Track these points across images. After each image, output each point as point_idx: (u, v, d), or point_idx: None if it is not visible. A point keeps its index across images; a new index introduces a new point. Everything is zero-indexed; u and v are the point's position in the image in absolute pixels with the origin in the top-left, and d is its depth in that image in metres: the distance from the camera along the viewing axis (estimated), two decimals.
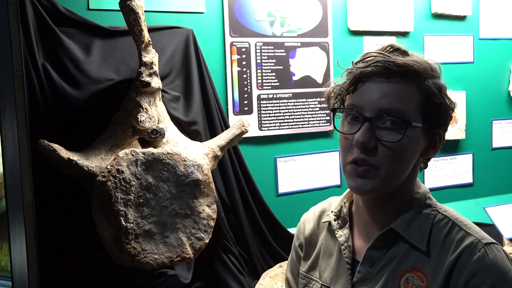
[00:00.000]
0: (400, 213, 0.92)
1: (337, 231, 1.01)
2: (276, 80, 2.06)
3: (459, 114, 2.46)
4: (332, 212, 1.04)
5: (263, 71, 2.03)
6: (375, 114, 0.86)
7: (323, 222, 1.07)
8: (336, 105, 0.95)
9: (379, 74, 0.86)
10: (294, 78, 2.09)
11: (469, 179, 2.55)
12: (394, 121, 0.85)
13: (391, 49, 0.92)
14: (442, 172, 2.47)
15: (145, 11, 1.54)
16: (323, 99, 1.01)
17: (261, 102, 2.03)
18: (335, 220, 1.02)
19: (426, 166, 0.97)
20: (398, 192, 0.92)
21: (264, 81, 2.03)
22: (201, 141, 1.71)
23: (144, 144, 1.56)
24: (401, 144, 0.86)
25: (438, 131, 0.92)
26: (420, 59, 0.90)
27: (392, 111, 0.85)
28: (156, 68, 1.54)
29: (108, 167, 1.43)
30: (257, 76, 2.02)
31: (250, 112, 2.01)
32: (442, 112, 0.90)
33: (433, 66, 0.91)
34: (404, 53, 0.92)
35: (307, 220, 1.13)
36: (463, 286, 0.83)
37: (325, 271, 1.02)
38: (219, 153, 1.65)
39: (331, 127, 2.16)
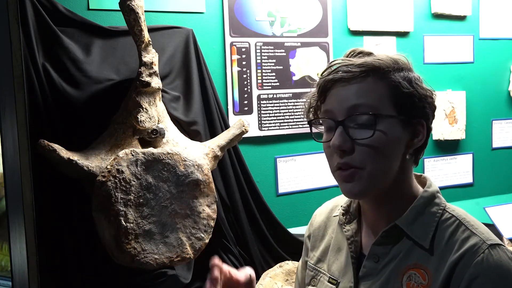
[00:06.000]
0: (404, 210, 0.93)
1: (345, 226, 1.02)
2: (276, 80, 2.06)
3: (459, 114, 2.47)
4: (341, 206, 1.05)
5: (263, 71, 2.03)
6: (345, 115, 0.88)
7: (334, 216, 1.09)
8: (311, 117, 0.99)
9: (342, 78, 0.89)
10: (294, 78, 2.09)
11: (469, 179, 2.55)
12: (365, 117, 0.87)
13: (354, 54, 0.95)
14: (442, 172, 2.47)
15: (145, 11, 1.54)
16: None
17: (261, 102, 2.03)
18: (343, 215, 1.03)
19: (416, 164, 0.97)
20: (394, 189, 0.92)
21: (264, 81, 2.03)
22: (201, 141, 1.71)
23: (144, 144, 1.56)
24: (378, 139, 0.86)
25: (418, 120, 0.92)
26: (382, 56, 0.91)
27: (360, 107, 0.87)
28: (156, 68, 1.54)
29: (108, 167, 1.43)
30: (257, 76, 2.02)
31: (250, 112, 2.01)
32: (416, 101, 0.90)
33: (397, 60, 0.92)
34: (368, 55, 0.94)
35: (319, 213, 1.15)
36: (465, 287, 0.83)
37: (333, 264, 1.03)
38: (219, 153, 1.65)
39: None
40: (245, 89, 2.00)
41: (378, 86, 0.88)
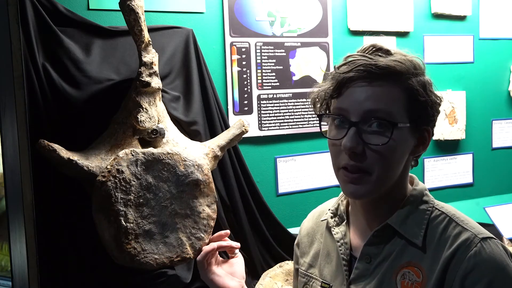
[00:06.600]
0: (395, 210, 0.93)
1: (334, 229, 1.01)
2: (276, 80, 2.06)
3: (459, 114, 2.46)
4: (329, 210, 1.05)
5: (263, 71, 2.03)
6: (360, 117, 0.86)
7: (322, 221, 1.08)
8: (322, 110, 0.96)
9: (362, 78, 0.86)
10: (294, 78, 2.09)
11: (469, 179, 2.55)
12: (380, 123, 0.86)
13: (373, 49, 0.91)
14: (442, 172, 2.47)
15: (145, 11, 1.54)
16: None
17: (261, 102, 2.03)
18: (331, 218, 1.03)
19: (416, 164, 0.97)
20: (391, 191, 0.93)
21: (264, 81, 2.03)
22: (201, 141, 1.71)
23: (144, 144, 1.56)
24: (389, 146, 0.86)
25: (426, 127, 0.92)
26: (402, 58, 0.89)
27: (377, 112, 0.86)
28: (156, 68, 1.54)
29: (108, 167, 1.43)
30: (257, 76, 2.02)
31: (250, 112, 2.01)
32: (428, 109, 0.90)
33: (416, 64, 0.90)
34: (387, 53, 0.91)
35: (307, 220, 1.16)
36: (459, 282, 0.83)
37: (325, 268, 1.02)
38: (219, 153, 1.65)
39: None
40: (245, 89, 2.00)
41: (396, 92, 0.87)
